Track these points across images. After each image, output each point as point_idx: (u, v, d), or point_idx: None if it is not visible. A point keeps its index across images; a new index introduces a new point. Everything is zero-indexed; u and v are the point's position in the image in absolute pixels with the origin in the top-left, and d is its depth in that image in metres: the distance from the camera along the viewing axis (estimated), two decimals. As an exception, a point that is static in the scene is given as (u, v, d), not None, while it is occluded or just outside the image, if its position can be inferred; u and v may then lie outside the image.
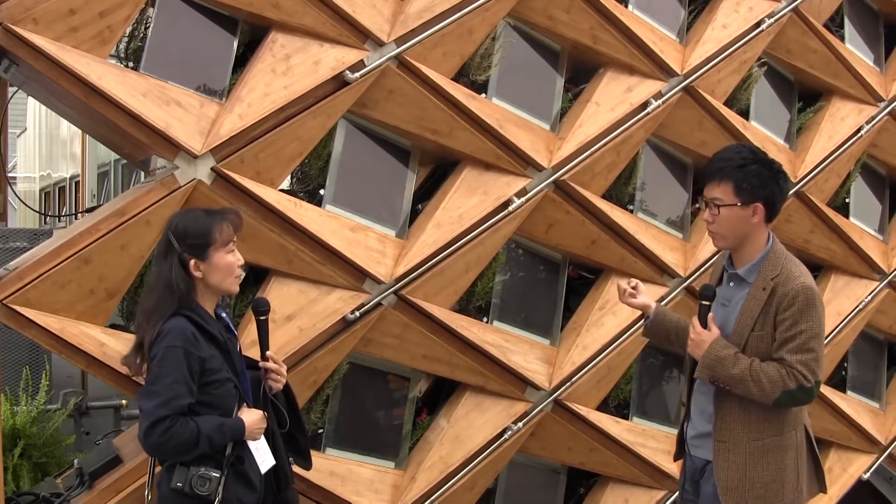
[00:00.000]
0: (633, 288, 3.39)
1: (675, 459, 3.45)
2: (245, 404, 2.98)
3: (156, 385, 2.79)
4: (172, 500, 2.85)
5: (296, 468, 3.32)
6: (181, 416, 2.77)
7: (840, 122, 5.74)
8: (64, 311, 3.49)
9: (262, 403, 3.05)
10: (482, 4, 4.33)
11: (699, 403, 3.22)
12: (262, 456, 2.99)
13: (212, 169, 3.73)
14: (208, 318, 2.94)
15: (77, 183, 13.34)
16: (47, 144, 16.87)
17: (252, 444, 2.97)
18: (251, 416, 2.94)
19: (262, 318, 3.16)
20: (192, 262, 2.90)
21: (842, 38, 5.91)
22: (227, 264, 2.95)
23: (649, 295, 4.77)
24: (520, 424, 4.49)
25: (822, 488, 3.28)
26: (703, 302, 3.13)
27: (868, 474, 5.77)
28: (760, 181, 3.04)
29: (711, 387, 3.13)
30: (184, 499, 2.82)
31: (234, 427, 2.88)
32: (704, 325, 3.11)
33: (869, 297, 5.79)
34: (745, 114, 5.42)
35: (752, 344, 3.05)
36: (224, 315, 3.09)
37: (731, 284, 3.18)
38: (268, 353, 3.13)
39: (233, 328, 3.11)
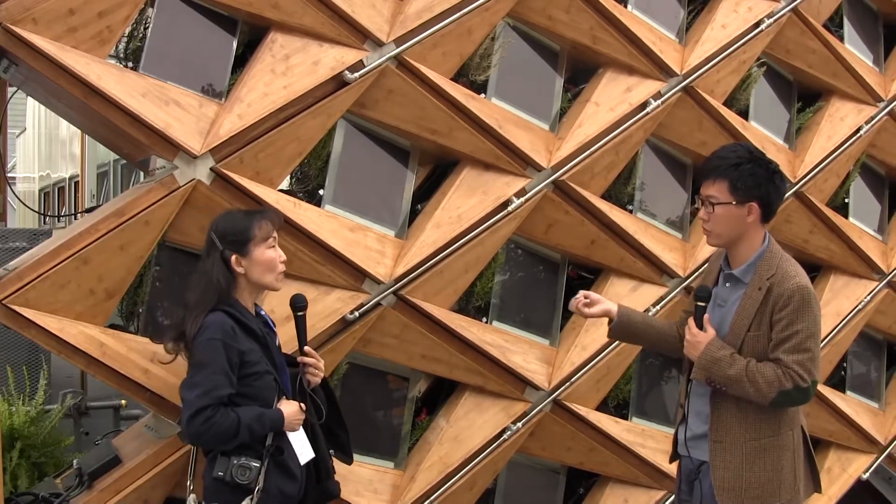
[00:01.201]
0: (586, 299, 3.40)
1: (672, 461, 3.45)
2: (284, 397, 3.06)
3: (196, 376, 2.89)
4: (214, 489, 2.94)
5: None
6: (222, 406, 2.86)
7: (839, 122, 5.74)
8: (63, 311, 3.49)
9: (299, 396, 3.13)
10: (481, 4, 4.33)
11: (695, 404, 3.22)
12: (302, 447, 3.09)
13: (211, 169, 3.73)
14: (247, 314, 3.04)
15: (76, 183, 13.36)
16: (47, 145, 16.88)
17: (291, 436, 3.06)
18: (290, 408, 3.03)
19: (299, 313, 3.26)
20: (234, 257, 3.03)
21: (841, 39, 5.91)
22: (268, 259, 3.06)
23: (649, 296, 4.85)
24: (519, 424, 4.49)
25: (818, 488, 3.29)
26: (699, 303, 3.13)
27: (867, 474, 5.77)
28: (756, 181, 3.05)
29: (708, 388, 3.12)
30: (225, 488, 2.91)
31: (274, 417, 2.96)
32: (700, 326, 3.11)
33: (868, 298, 5.79)
34: (744, 114, 5.42)
35: (749, 344, 3.05)
36: (263, 312, 3.19)
37: (728, 285, 3.18)
38: (305, 347, 3.23)
39: (271, 324, 3.19)
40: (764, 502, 3.07)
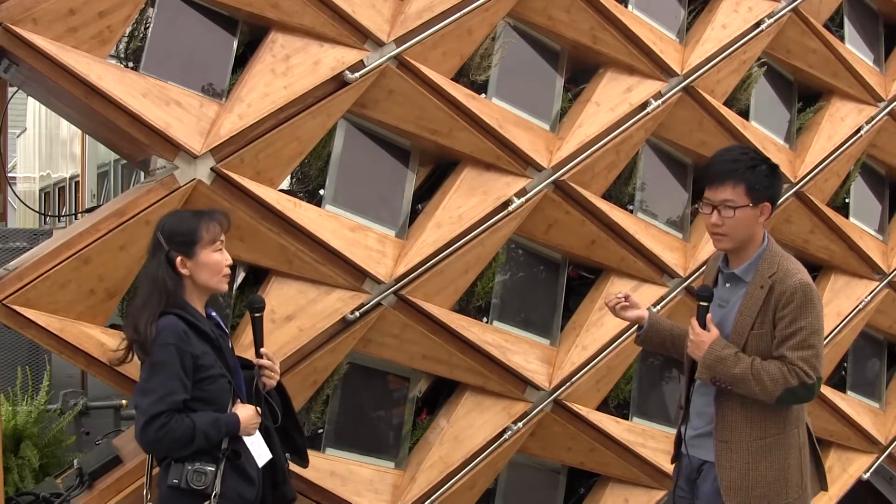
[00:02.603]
0: (626, 300, 3.35)
1: (673, 461, 3.44)
2: (239, 400, 3.00)
3: (150, 382, 2.82)
4: (170, 497, 2.88)
5: (295, 468, 3.34)
6: (176, 413, 2.80)
7: (840, 122, 5.74)
8: (64, 311, 3.49)
9: (255, 400, 3.07)
10: (482, 4, 4.33)
11: (698, 405, 3.21)
12: (259, 450, 3.03)
13: (211, 169, 3.73)
14: (199, 316, 2.97)
15: (77, 183, 13.33)
16: (47, 144, 16.86)
17: (247, 439, 3.00)
18: (245, 412, 2.97)
19: (256, 315, 3.19)
20: (179, 259, 2.94)
21: (841, 38, 5.91)
22: (213, 262, 2.98)
23: (649, 296, 4.85)
24: (520, 424, 4.49)
25: (824, 486, 3.29)
26: (702, 303, 3.12)
27: (868, 474, 5.77)
28: (770, 181, 3.07)
29: (711, 388, 3.12)
30: (182, 495, 2.84)
31: (229, 422, 2.91)
32: (703, 325, 3.10)
33: (869, 297, 5.79)
34: (744, 114, 5.42)
35: (752, 343, 3.04)
36: (214, 314, 3.12)
37: (728, 285, 3.17)
38: (262, 349, 3.15)
39: (223, 326, 3.14)
40: (771, 501, 3.06)
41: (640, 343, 3.48)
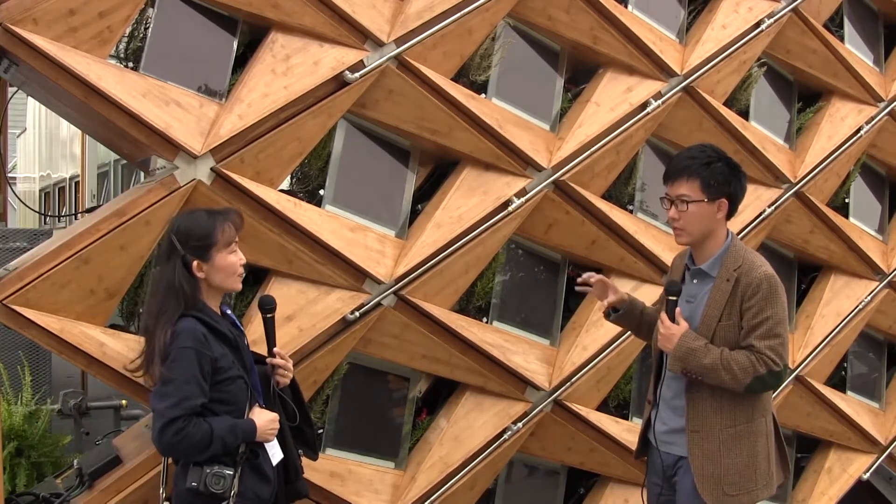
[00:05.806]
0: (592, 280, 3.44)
1: (638, 457, 3.47)
2: (257, 402, 3.01)
3: (168, 386, 2.82)
4: (188, 498, 2.89)
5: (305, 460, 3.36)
6: (194, 417, 2.80)
7: (840, 122, 5.74)
8: (64, 311, 3.49)
9: (271, 398, 3.09)
10: (482, 5, 4.33)
11: (669, 399, 3.26)
12: (272, 449, 3.05)
13: (211, 169, 3.73)
14: (216, 317, 2.97)
15: (77, 183, 13.33)
16: (47, 145, 16.87)
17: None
18: (263, 418, 2.97)
19: (268, 315, 3.19)
20: (195, 263, 2.92)
21: (841, 39, 5.91)
22: (229, 264, 2.97)
23: (649, 295, 4.84)
24: (520, 425, 4.49)
25: (787, 473, 3.36)
26: (670, 297, 3.20)
27: (868, 474, 5.77)
28: (725, 178, 3.16)
29: (681, 380, 3.18)
30: (199, 497, 2.86)
31: (246, 429, 2.92)
32: (672, 319, 3.16)
33: (868, 298, 5.79)
34: (744, 114, 5.43)
35: (720, 335, 3.12)
36: (229, 312, 3.12)
37: (695, 281, 3.25)
38: (275, 349, 3.17)
39: (239, 324, 3.14)
40: (741, 488, 3.11)
41: (614, 320, 3.55)
